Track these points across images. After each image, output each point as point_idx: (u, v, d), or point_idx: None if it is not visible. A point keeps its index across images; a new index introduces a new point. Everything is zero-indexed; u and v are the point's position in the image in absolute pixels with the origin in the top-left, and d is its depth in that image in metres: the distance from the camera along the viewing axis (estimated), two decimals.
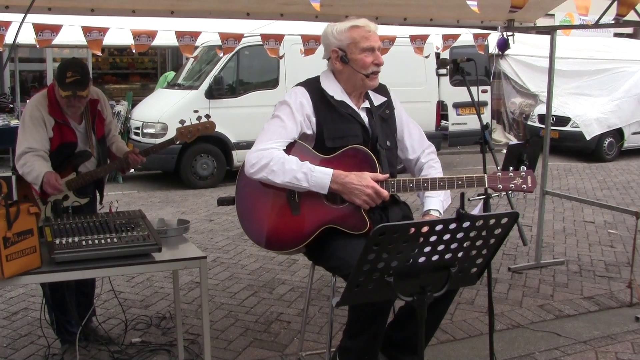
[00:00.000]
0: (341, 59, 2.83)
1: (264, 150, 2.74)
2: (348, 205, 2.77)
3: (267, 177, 2.72)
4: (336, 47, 2.84)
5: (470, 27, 5.97)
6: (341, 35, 2.82)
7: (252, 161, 2.74)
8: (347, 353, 2.85)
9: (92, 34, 4.61)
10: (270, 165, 2.71)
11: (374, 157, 2.81)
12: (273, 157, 2.72)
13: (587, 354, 3.81)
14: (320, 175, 2.71)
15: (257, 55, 9.17)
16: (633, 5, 3.83)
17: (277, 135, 2.78)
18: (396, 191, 2.79)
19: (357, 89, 2.91)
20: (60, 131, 3.51)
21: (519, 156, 5.49)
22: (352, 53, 2.81)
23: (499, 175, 2.75)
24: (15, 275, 2.50)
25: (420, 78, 10.46)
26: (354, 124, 2.86)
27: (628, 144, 12.53)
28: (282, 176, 2.70)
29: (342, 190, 2.71)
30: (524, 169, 2.76)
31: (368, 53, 2.81)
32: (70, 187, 3.50)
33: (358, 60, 2.80)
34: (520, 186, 2.73)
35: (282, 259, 5.61)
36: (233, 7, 4.47)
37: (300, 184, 2.71)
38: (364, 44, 2.80)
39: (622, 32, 18.34)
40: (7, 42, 4.53)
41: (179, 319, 3.53)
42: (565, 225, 6.99)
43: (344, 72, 2.87)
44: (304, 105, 2.83)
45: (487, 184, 2.74)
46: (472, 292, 4.74)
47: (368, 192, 2.69)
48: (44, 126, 3.47)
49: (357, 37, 2.80)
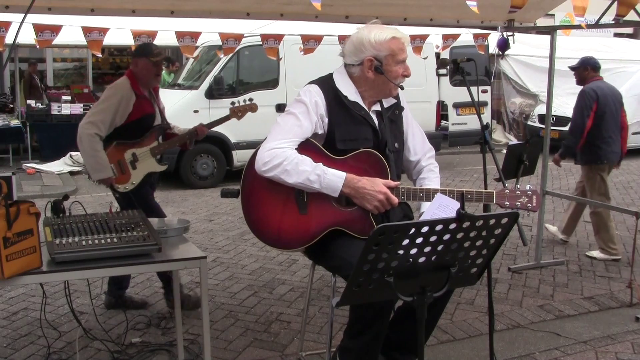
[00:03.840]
0: (376, 68, 2.79)
1: (277, 149, 2.71)
2: (357, 208, 2.77)
3: (279, 176, 2.70)
4: (372, 57, 2.79)
5: (471, 27, 5.97)
6: (380, 46, 2.77)
7: (265, 159, 2.71)
8: (347, 353, 2.85)
9: (92, 34, 4.62)
10: (283, 165, 2.69)
11: (386, 163, 2.80)
12: (287, 156, 2.69)
13: (587, 354, 3.81)
14: (333, 178, 2.69)
15: (257, 55, 9.18)
16: (633, 5, 3.84)
17: (292, 134, 2.75)
18: (406, 199, 2.80)
19: (378, 97, 2.90)
20: (140, 104, 4.10)
21: (519, 156, 5.54)
22: (388, 64, 2.79)
23: (507, 192, 2.78)
24: (15, 275, 2.50)
25: (420, 78, 10.45)
26: (365, 126, 2.85)
27: (628, 144, 12.49)
28: (295, 177, 2.69)
29: (353, 194, 2.71)
30: (531, 187, 2.78)
31: (401, 64, 2.81)
32: (154, 153, 4.18)
33: (393, 71, 2.80)
34: (526, 205, 2.79)
35: (282, 259, 5.62)
36: (233, 7, 4.46)
37: (312, 185, 2.69)
38: (401, 56, 2.80)
39: (622, 32, 18.34)
40: (7, 42, 4.53)
41: (179, 319, 3.52)
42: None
43: (373, 81, 2.83)
44: (319, 105, 2.80)
45: (495, 200, 2.76)
46: (472, 292, 4.74)
47: (380, 197, 2.69)
48: (117, 109, 4.03)
49: (396, 50, 2.78)
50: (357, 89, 2.87)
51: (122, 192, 4.12)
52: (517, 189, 2.79)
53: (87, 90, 12.42)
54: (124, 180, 4.10)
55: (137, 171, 4.13)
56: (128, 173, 4.11)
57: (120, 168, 4.08)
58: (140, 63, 4.12)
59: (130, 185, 4.11)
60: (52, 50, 14.90)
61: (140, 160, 4.14)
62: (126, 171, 4.10)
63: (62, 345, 3.83)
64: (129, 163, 4.11)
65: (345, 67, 2.90)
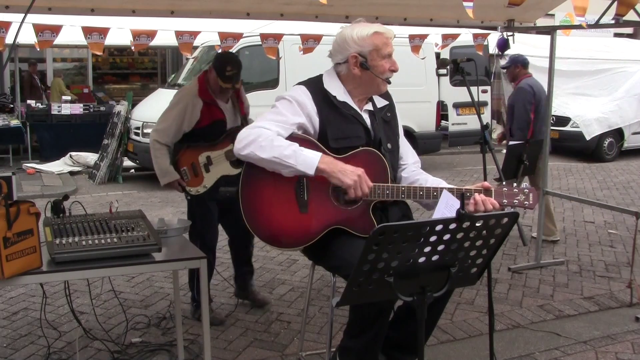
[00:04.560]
0: (361, 64, 2.79)
1: (252, 128, 2.72)
2: (357, 207, 2.76)
3: (254, 152, 2.67)
4: (356, 53, 2.79)
5: (471, 27, 5.97)
6: (363, 42, 2.77)
7: (240, 137, 2.71)
8: (347, 353, 2.85)
9: (92, 36, 4.61)
10: (258, 141, 2.67)
11: (385, 161, 2.80)
12: (262, 133, 2.68)
13: (587, 354, 3.81)
14: (309, 154, 2.66)
15: (257, 55, 9.17)
16: (632, 5, 3.84)
17: (269, 119, 2.76)
18: (406, 198, 2.78)
19: (367, 93, 2.90)
20: (208, 111, 4.06)
21: (519, 156, 5.55)
22: (373, 59, 2.78)
23: (505, 190, 2.77)
24: (15, 275, 2.50)
25: (420, 78, 10.44)
26: (356, 125, 2.85)
27: (628, 144, 12.53)
28: (269, 151, 2.65)
29: (330, 170, 2.65)
30: (527, 185, 2.78)
31: (387, 59, 2.80)
32: (229, 156, 4.07)
33: (379, 66, 2.79)
34: (523, 202, 2.78)
35: (282, 259, 5.62)
36: (233, 7, 4.46)
37: (287, 161, 2.65)
38: (385, 50, 2.79)
39: (622, 32, 18.35)
40: (8, 43, 4.53)
41: (179, 319, 3.53)
42: (565, 225, 7.00)
43: (360, 77, 2.83)
44: (306, 104, 2.80)
45: (493, 198, 2.76)
46: (472, 292, 4.74)
47: (359, 172, 2.66)
48: (182, 117, 4.03)
49: (379, 44, 2.78)
50: (345, 88, 2.87)
51: (194, 195, 4.12)
52: (514, 186, 2.79)
53: (87, 90, 12.42)
54: (196, 183, 4.11)
55: (211, 174, 4.10)
56: (201, 176, 4.10)
57: (193, 171, 4.09)
58: (212, 75, 4.09)
59: (202, 189, 4.11)
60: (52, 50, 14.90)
61: (215, 164, 4.11)
62: (199, 174, 4.10)
63: (62, 345, 3.83)
64: (203, 166, 4.10)
65: (334, 67, 2.91)
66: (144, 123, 9.51)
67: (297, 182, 2.75)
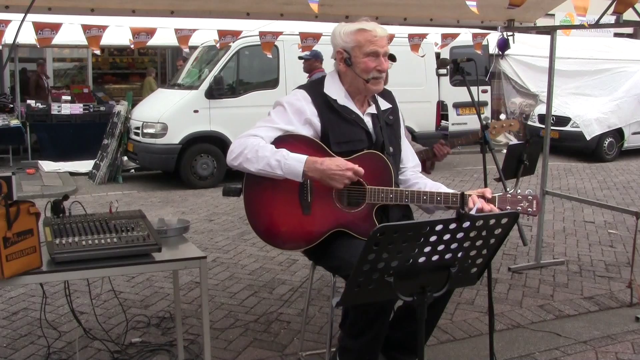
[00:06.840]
0: (345, 60, 2.80)
1: (241, 139, 2.74)
2: (360, 210, 2.77)
3: (243, 165, 2.69)
4: (341, 49, 2.81)
5: (471, 27, 5.98)
6: (347, 37, 2.78)
7: (230, 149, 2.75)
8: (347, 353, 2.85)
9: (91, 30, 4.62)
10: (244, 153, 2.68)
11: (389, 164, 2.80)
12: (247, 144, 2.69)
13: (587, 354, 3.81)
14: (293, 162, 2.65)
15: (257, 55, 9.18)
16: (631, 4, 3.83)
17: (259, 127, 2.77)
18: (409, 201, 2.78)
19: (360, 93, 2.89)
20: None
21: (519, 156, 5.54)
22: (355, 56, 2.78)
23: (509, 197, 2.78)
24: (15, 275, 2.50)
25: (420, 78, 10.45)
26: (357, 128, 2.84)
27: (628, 144, 12.53)
28: (255, 164, 2.67)
29: (319, 177, 2.65)
30: (531, 192, 2.78)
31: (372, 58, 2.77)
32: None
33: (360, 64, 2.77)
34: (526, 209, 2.79)
35: (282, 259, 5.62)
36: (233, 7, 4.46)
37: (275, 171, 2.66)
38: (368, 48, 2.76)
39: (622, 32, 18.35)
40: (7, 42, 4.53)
41: (179, 319, 3.52)
42: (565, 225, 6.99)
43: (347, 75, 2.84)
44: (304, 110, 2.79)
45: (497, 204, 2.76)
46: (472, 292, 4.74)
47: (348, 174, 2.65)
48: None
49: (363, 41, 2.76)
50: (345, 89, 2.87)
51: None
52: (518, 193, 2.79)
53: (87, 90, 12.41)
54: None
55: None
56: None
57: None
58: None
59: None
60: (52, 50, 14.90)
61: None
62: None
63: (62, 345, 3.83)
64: None
65: (334, 66, 2.94)
66: (144, 123, 9.52)
67: (301, 183, 2.74)
